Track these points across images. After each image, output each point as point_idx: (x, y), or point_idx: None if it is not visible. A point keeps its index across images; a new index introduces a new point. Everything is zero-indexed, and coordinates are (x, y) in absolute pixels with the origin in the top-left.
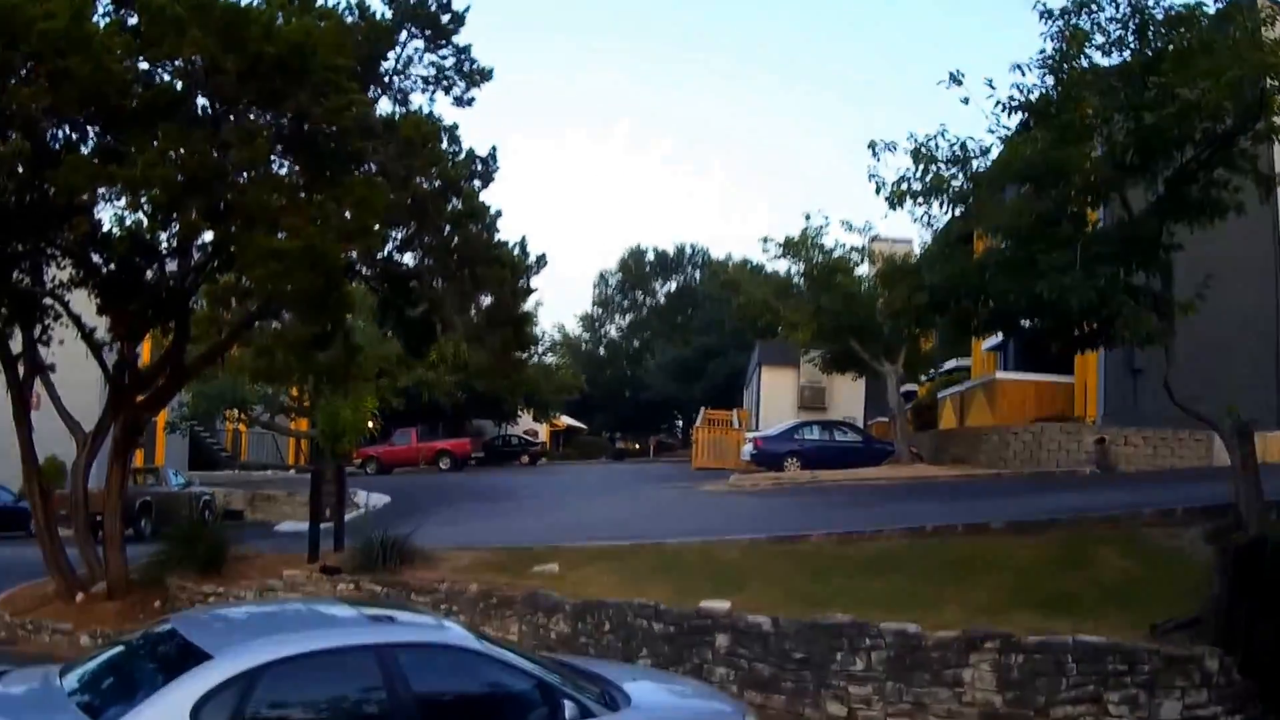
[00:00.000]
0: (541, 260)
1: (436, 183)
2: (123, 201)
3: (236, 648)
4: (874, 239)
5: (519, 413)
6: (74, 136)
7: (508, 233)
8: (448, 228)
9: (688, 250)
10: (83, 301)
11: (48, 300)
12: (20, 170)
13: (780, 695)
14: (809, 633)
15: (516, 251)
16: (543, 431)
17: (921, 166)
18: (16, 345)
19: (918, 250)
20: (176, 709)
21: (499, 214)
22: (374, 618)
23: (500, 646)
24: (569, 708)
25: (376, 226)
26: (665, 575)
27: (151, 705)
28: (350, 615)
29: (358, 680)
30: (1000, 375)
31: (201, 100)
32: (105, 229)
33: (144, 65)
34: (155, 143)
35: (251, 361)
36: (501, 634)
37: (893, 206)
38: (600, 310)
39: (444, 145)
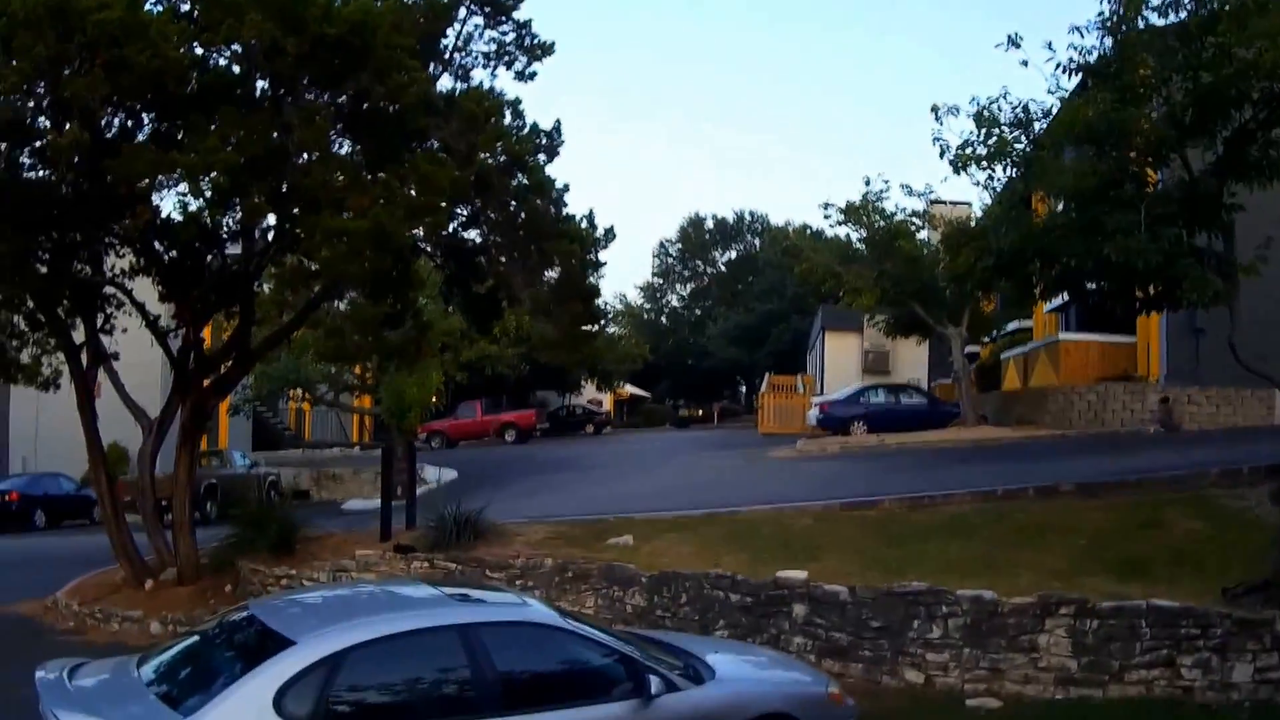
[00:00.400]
0: (609, 233)
1: (501, 158)
2: (182, 188)
3: (319, 632)
4: (933, 202)
5: (583, 383)
6: (129, 124)
7: (571, 205)
8: (513, 203)
9: (747, 217)
10: (144, 288)
11: (109, 289)
12: (78, 160)
13: (858, 664)
14: (885, 601)
15: (584, 225)
16: (606, 401)
17: (984, 130)
18: (78, 335)
19: (977, 212)
20: (259, 697)
21: (566, 188)
22: (456, 597)
23: (582, 622)
24: (654, 682)
25: (443, 204)
26: (740, 544)
27: (234, 693)
28: (432, 595)
29: (442, 661)
30: (1063, 336)
31: (260, 83)
32: (166, 216)
33: (199, 50)
34: (214, 127)
35: (322, 343)
36: (578, 608)
37: (957, 171)
38: (661, 280)
39: (507, 120)
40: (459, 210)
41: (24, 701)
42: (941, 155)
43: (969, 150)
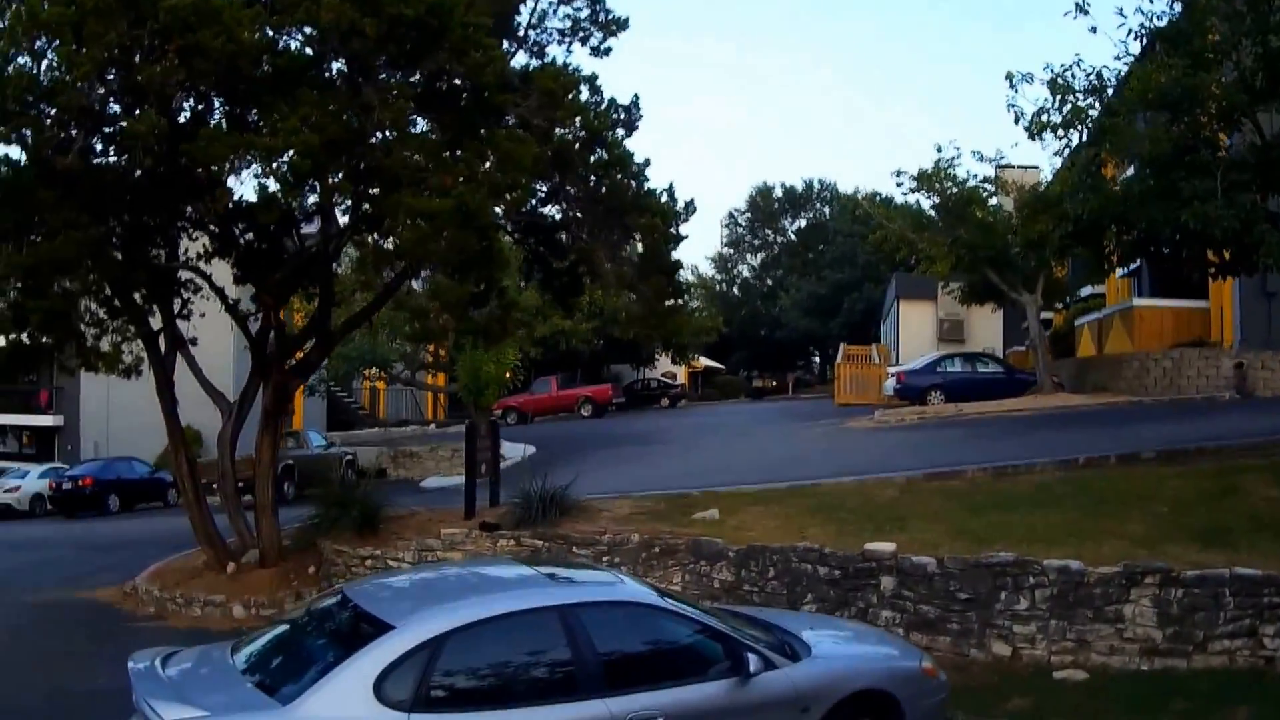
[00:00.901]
0: (690, 206)
1: (580, 133)
2: (256, 169)
3: (418, 616)
4: (1002, 167)
5: (657, 356)
6: (200, 108)
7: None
8: (593, 178)
9: (816, 185)
10: (217, 271)
11: (184, 274)
12: (154, 146)
13: (945, 637)
14: (973, 572)
15: (664, 199)
16: (681, 373)
17: (1059, 96)
18: (155, 321)
19: (1047, 176)
20: (359, 681)
21: (647, 162)
22: (550, 577)
23: (678, 600)
24: (752, 660)
25: (525, 181)
26: (825, 516)
27: (333, 679)
28: (528, 576)
29: (542, 642)
30: (1137, 302)
31: (336, 65)
32: (239, 199)
33: (270, 33)
34: (292, 109)
35: (408, 324)
36: (665, 583)
37: (1032, 137)
38: (732, 250)
39: (584, 96)
40: (538, 186)
41: (105, 689)
42: (1016, 121)
43: (1044, 117)
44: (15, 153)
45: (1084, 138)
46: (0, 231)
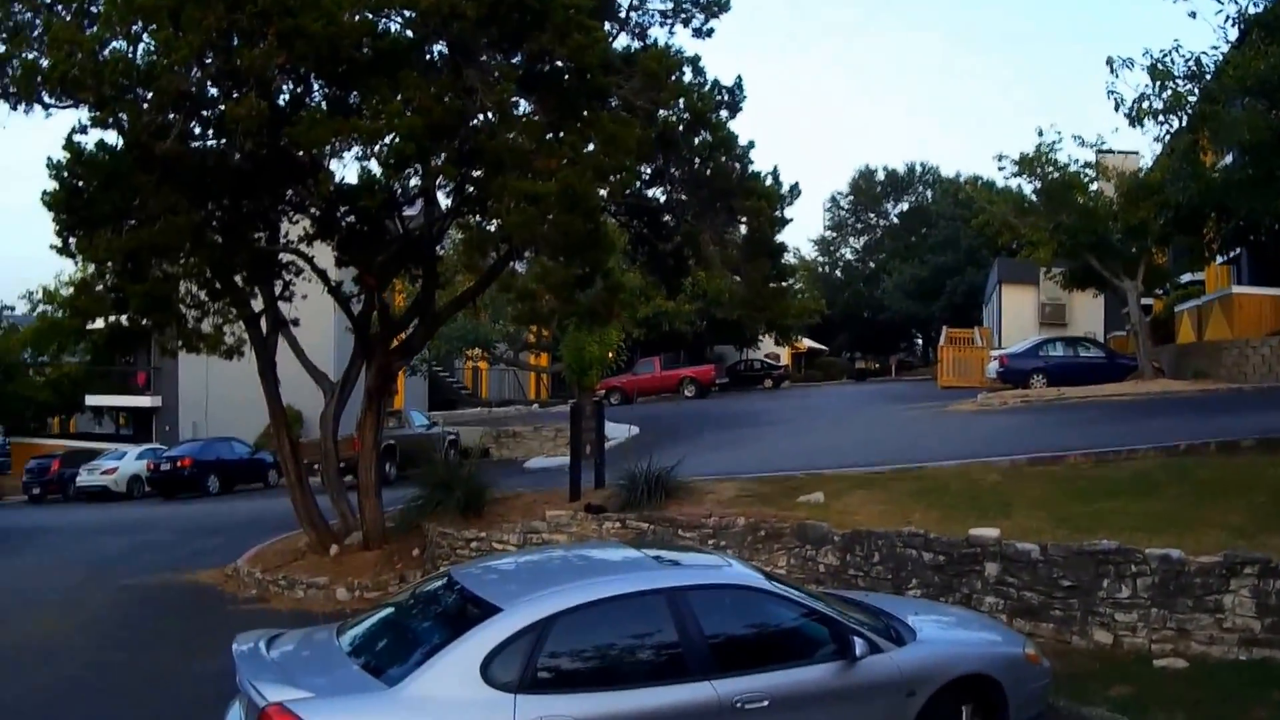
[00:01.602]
0: (795, 190)
1: (684, 115)
2: (358, 152)
3: (527, 598)
4: (1102, 152)
5: (760, 337)
6: (299, 91)
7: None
8: (697, 160)
9: (918, 169)
10: (319, 253)
11: (285, 256)
12: (256, 130)
13: (1048, 624)
14: (1076, 560)
15: (769, 181)
16: (784, 354)
17: (1159, 83)
18: (257, 303)
19: (1147, 162)
20: (467, 663)
21: (751, 145)
22: (659, 560)
23: (784, 583)
24: (858, 644)
25: (629, 163)
26: (929, 501)
27: (440, 660)
28: (635, 559)
29: (649, 625)
30: (1236, 289)
31: (438, 47)
32: (341, 181)
33: (370, 16)
34: (395, 92)
35: (511, 307)
36: (770, 567)
37: (1133, 124)
38: (834, 233)
39: (687, 77)
40: (643, 169)
41: (209, 671)
42: (1116, 108)
43: (1145, 104)
44: (112, 138)
45: (1184, 124)
46: (99, 216)
